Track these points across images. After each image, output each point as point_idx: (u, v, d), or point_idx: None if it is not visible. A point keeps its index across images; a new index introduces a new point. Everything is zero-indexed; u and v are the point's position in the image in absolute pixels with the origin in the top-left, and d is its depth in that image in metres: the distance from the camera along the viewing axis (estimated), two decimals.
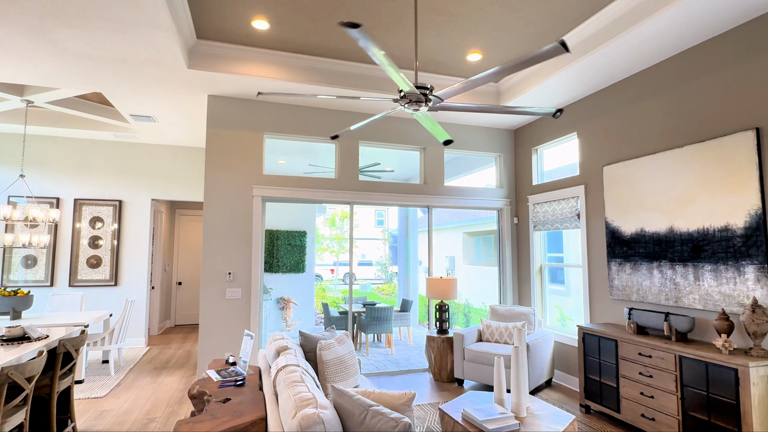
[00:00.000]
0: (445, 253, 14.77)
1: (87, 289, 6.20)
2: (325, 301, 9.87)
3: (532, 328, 4.77)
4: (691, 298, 3.37)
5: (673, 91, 3.62)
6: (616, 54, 3.60)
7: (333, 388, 1.88)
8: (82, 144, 6.33)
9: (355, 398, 1.75)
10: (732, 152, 3.11)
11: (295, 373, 2.09)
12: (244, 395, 2.49)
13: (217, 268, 4.49)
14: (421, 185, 5.35)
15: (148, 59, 3.69)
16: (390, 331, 6.31)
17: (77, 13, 2.98)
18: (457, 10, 3.38)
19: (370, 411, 1.67)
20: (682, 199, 3.47)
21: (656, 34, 3.27)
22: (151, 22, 3.10)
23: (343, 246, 16.70)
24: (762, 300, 2.90)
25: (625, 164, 4.02)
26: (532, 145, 5.45)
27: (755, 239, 2.94)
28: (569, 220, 4.77)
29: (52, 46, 3.45)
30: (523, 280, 5.53)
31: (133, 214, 6.48)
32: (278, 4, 3.32)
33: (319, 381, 2.87)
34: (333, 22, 3.57)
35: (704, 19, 3.06)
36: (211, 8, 3.40)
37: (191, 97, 4.61)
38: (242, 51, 4.04)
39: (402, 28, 3.66)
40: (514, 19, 3.51)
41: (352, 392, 1.81)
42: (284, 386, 1.96)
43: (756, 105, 3.01)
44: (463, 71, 4.52)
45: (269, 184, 4.71)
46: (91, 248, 6.24)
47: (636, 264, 3.86)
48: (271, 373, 2.44)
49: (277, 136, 4.82)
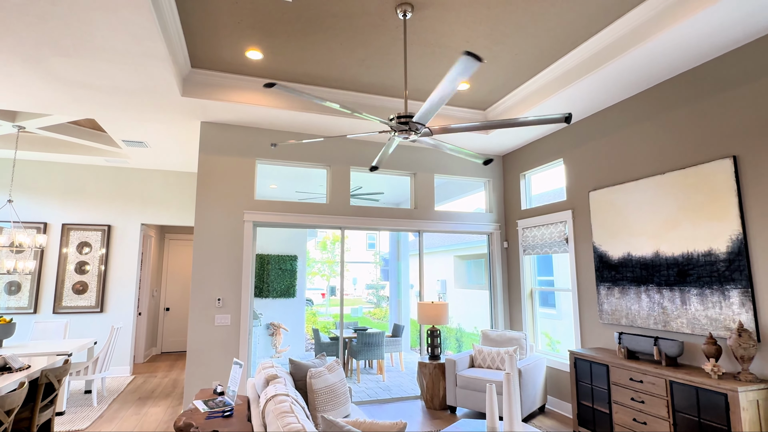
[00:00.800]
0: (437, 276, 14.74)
1: (71, 316, 6.06)
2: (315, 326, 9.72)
3: (524, 353, 4.75)
4: (679, 322, 3.40)
5: (653, 120, 3.75)
6: (596, 85, 3.74)
7: (323, 418, 1.86)
8: (73, 169, 6.31)
9: (346, 429, 1.73)
10: (711, 179, 3.21)
11: (284, 404, 2.06)
12: (233, 427, 2.44)
13: (207, 293, 4.44)
14: (412, 210, 5.40)
15: (142, 87, 3.75)
16: (381, 357, 6.22)
17: (73, 44, 3.04)
18: (444, 42, 3.51)
19: None
20: (666, 224, 3.55)
21: (635, 67, 3.42)
22: (147, 52, 3.17)
23: (334, 270, 16.59)
24: (747, 324, 2.94)
25: (610, 190, 4.12)
26: (520, 171, 5.57)
27: (738, 264, 3.01)
28: (558, 245, 4.83)
29: (47, 74, 3.49)
30: (514, 304, 5.54)
31: (122, 238, 6.41)
32: (272, 35, 3.42)
33: (309, 411, 2.82)
34: (324, 53, 3.68)
35: (680, 53, 3.21)
36: (206, 39, 3.49)
37: (184, 123, 4.66)
38: (236, 79, 4.12)
39: (392, 58, 3.78)
40: (499, 51, 3.65)
41: (343, 423, 1.79)
42: (273, 417, 1.92)
43: (732, 134, 3.13)
44: (452, 99, 4.65)
45: (260, 209, 4.72)
46: (77, 274, 6.14)
47: (624, 288, 3.90)
48: (260, 403, 2.40)
49: (269, 161, 4.87)
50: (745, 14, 2.73)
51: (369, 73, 4.04)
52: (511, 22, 3.22)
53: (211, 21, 3.23)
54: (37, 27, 2.84)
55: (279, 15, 3.15)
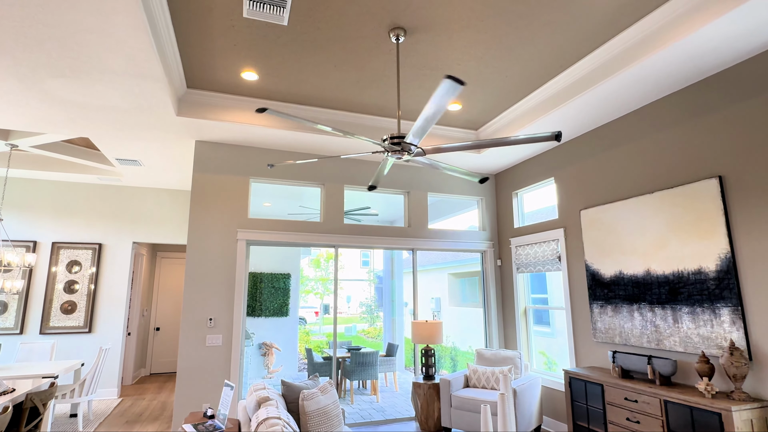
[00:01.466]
0: (431, 294, 14.67)
1: (59, 337, 5.93)
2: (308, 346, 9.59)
3: (518, 373, 4.71)
4: (671, 340, 3.41)
5: (641, 140, 3.84)
6: (585, 106, 3.83)
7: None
8: (64, 187, 6.28)
9: None
10: (699, 198, 3.27)
11: (275, 427, 2.02)
12: None
13: (198, 313, 4.38)
14: (406, 228, 5.42)
15: (137, 107, 3.78)
16: (375, 377, 6.14)
17: (70, 65, 3.07)
18: (436, 65, 3.59)
19: None
20: (656, 242, 3.59)
21: (622, 90, 3.52)
22: (143, 73, 3.20)
23: (328, 288, 16.46)
24: (739, 342, 2.96)
25: (601, 208, 4.17)
26: (512, 189, 5.63)
27: (727, 282, 3.05)
28: (551, 263, 4.86)
29: (42, 94, 3.51)
30: (508, 323, 5.52)
31: (113, 257, 6.34)
32: (267, 57, 3.48)
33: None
34: (319, 74, 3.74)
35: (666, 76, 3.31)
36: (202, 60, 3.54)
37: (179, 142, 4.68)
38: (231, 99, 4.17)
39: (385, 80, 3.85)
40: (490, 73, 3.74)
41: None
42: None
43: (718, 154, 3.21)
44: (445, 119, 4.73)
45: (254, 228, 4.72)
46: (66, 293, 6.04)
47: (617, 306, 3.92)
48: (252, 426, 2.35)
49: (263, 180, 4.89)
50: (730, 39, 2.83)
51: (363, 94, 4.11)
52: (502, 45, 3.31)
53: (208, 43, 3.29)
54: (34, 49, 2.87)
55: (274, 38, 3.21)
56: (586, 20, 3.01)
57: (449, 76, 1.89)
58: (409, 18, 2.97)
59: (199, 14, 2.94)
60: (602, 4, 2.85)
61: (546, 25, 3.06)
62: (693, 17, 2.75)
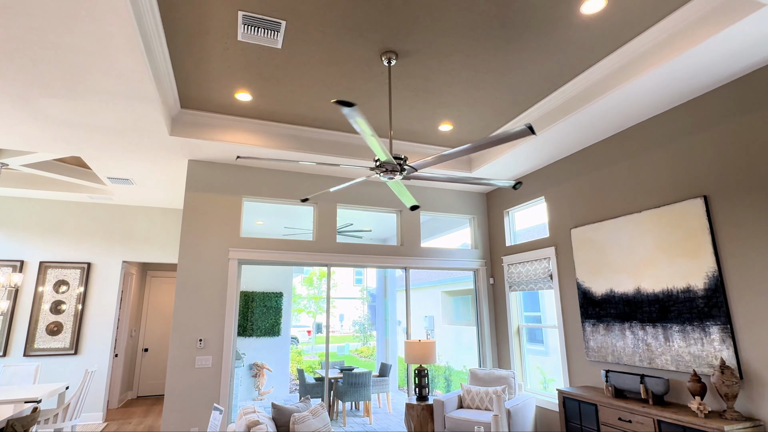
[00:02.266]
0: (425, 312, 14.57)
1: (43, 359, 5.79)
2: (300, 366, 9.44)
3: (512, 393, 4.67)
4: (663, 359, 3.42)
5: (628, 160, 3.92)
6: (573, 127, 3.92)
7: None
8: (54, 205, 6.23)
9: None
10: (685, 218, 3.33)
11: None
12: None
13: (188, 333, 4.31)
14: (398, 247, 5.42)
15: (131, 127, 3.79)
16: (368, 398, 6.04)
17: (64, 86, 3.09)
18: (427, 87, 3.66)
19: None
20: (645, 261, 3.64)
21: (607, 112, 3.61)
22: (137, 94, 3.23)
23: (320, 306, 16.31)
24: (729, 361, 2.97)
25: (591, 227, 4.22)
26: (504, 208, 5.68)
27: (715, 300, 3.08)
28: (543, 281, 4.87)
29: (35, 113, 3.51)
30: (501, 341, 5.50)
31: (102, 276, 6.25)
32: (261, 79, 3.53)
33: None
34: (312, 95, 3.80)
35: (649, 99, 3.41)
36: (196, 82, 3.59)
37: (171, 161, 4.69)
38: (225, 119, 4.20)
39: (378, 101, 3.92)
40: (480, 95, 3.82)
41: None
42: None
43: (703, 175, 3.28)
44: (436, 140, 4.80)
45: (246, 247, 4.69)
46: (52, 313, 5.92)
47: (609, 325, 3.93)
48: None
49: (255, 199, 4.89)
50: (709, 64, 2.94)
51: None
52: (490, 69, 3.40)
53: (202, 65, 3.34)
54: (28, 69, 2.89)
55: (268, 60, 3.27)
56: (570, 46, 3.11)
57: (529, 126, 2.02)
58: (400, 42, 3.04)
59: (195, 37, 2.99)
60: (586, 31, 2.95)
61: (533, 50, 3.15)
62: (673, 43, 2.85)
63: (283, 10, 2.72)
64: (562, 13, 2.77)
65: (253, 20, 2.80)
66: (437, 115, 4.18)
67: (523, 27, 2.89)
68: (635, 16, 2.81)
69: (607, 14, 2.80)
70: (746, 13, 2.46)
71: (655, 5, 2.72)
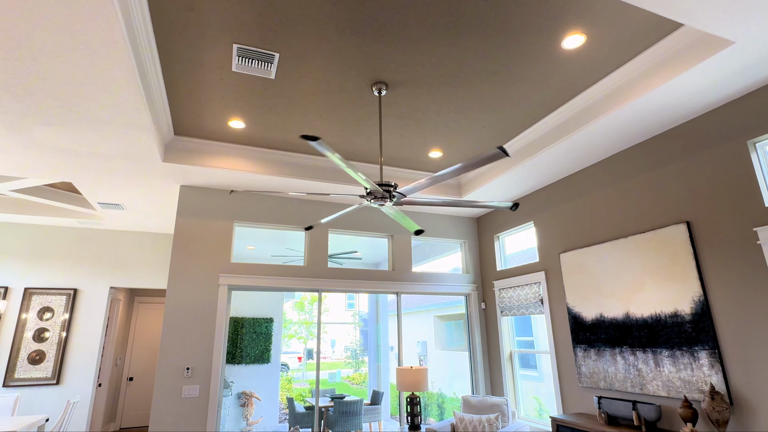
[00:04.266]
0: (417, 337, 14.41)
1: (24, 390, 5.60)
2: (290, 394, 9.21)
3: (506, 420, 4.60)
4: (654, 384, 3.42)
5: (614, 186, 4.02)
6: (560, 154, 4.02)
7: None
8: (41, 230, 6.15)
9: None
10: (670, 243, 3.40)
11: None
12: None
13: (175, 362, 4.22)
14: (390, 272, 5.42)
15: (124, 154, 3.82)
16: (360, 427, 5.90)
17: (59, 114, 3.13)
18: (417, 115, 3.76)
19: None
20: (633, 286, 3.68)
21: (591, 140, 3.72)
22: (131, 122, 3.27)
23: (311, 332, 16.05)
24: (719, 386, 2.98)
25: (579, 252, 4.28)
26: (494, 233, 5.74)
27: (703, 325, 3.11)
28: (533, 306, 4.89)
29: (28, 141, 3.53)
30: (494, 367, 5.45)
31: (89, 303, 6.13)
32: (254, 107, 3.61)
33: None
34: (304, 123, 3.88)
35: (632, 127, 3.53)
36: (190, 110, 3.65)
37: (163, 186, 4.70)
38: (217, 146, 4.25)
39: (368, 129, 4.00)
40: (468, 124, 3.93)
41: None
42: None
43: (685, 201, 3.38)
44: (426, 166, 4.88)
45: (236, 273, 4.66)
46: (35, 341, 5.76)
47: (600, 350, 3.93)
48: None
49: (247, 224, 4.89)
50: (687, 95, 3.07)
51: (346, 142, 4.24)
52: (477, 98, 3.51)
53: (197, 94, 3.40)
54: (23, 98, 2.93)
55: (261, 90, 3.35)
56: (554, 78, 3.24)
57: (501, 148, 2.09)
58: (390, 74, 3.14)
59: (190, 68, 3.06)
60: (568, 64, 3.07)
61: (518, 81, 3.27)
62: (651, 76, 2.99)
63: (276, 42, 2.81)
64: (545, 47, 2.89)
65: (248, 52, 2.88)
66: (427, 142, 4.27)
67: (507, 60, 3.01)
68: (613, 51, 2.95)
69: (587, 49, 2.93)
70: (719, 49, 2.59)
71: (631, 41, 2.86)
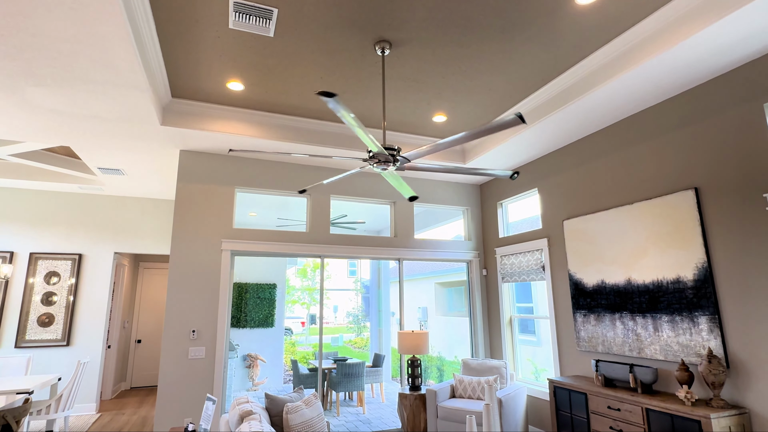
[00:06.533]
0: (418, 303, 14.66)
1: (35, 351, 5.75)
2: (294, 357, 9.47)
3: (504, 382, 4.72)
4: (652, 348, 3.47)
5: (621, 152, 3.94)
6: (566, 119, 3.92)
7: None
8: (44, 196, 6.15)
9: None
10: (676, 210, 3.36)
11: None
12: None
13: (181, 325, 4.30)
14: (392, 238, 5.43)
15: (121, 117, 3.74)
16: (362, 389, 6.09)
17: (51, 74, 3.03)
18: (421, 77, 3.64)
19: None
20: (636, 252, 3.67)
21: (601, 102, 3.61)
22: (127, 83, 3.18)
23: (314, 298, 16.33)
24: (716, 350, 3.02)
25: (583, 219, 4.25)
26: (497, 200, 5.70)
27: (704, 291, 3.12)
28: (535, 272, 4.91)
29: (22, 102, 3.45)
30: (494, 332, 5.55)
31: (94, 268, 6.20)
32: (253, 68, 3.49)
33: None
34: (305, 85, 3.76)
35: (643, 90, 3.41)
36: (187, 70, 3.53)
37: (163, 151, 4.64)
38: (216, 109, 4.15)
39: (371, 92, 3.89)
40: (474, 87, 3.81)
41: None
42: None
43: (694, 167, 3.31)
44: (430, 131, 4.78)
45: (239, 238, 4.67)
46: (43, 305, 5.87)
47: (600, 315, 3.97)
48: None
49: (248, 190, 4.86)
50: (704, 56, 2.94)
51: (348, 105, 4.14)
52: (484, 60, 3.38)
53: (193, 53, 3.28)
54: (14, 57, 2.83)
55: (260, 49, 3.23)
56: (566, 36, 3.10)
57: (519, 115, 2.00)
58: (394, 32, 3.01)
59: (185, 25, 2.94)
60: (581, 21, 2.93)
61: (528, 40, 3.13)
62: (667, 35, 2.85)
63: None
64: (558, 3, 2.75)
65: (245, 8, 2.75)
66: (431, 106, 4.16)
67: (518, 16, 2.87)
68: (630, 7, 2.80)
69: (602, 4, 2.78)
70: (741, 4, 2.46)
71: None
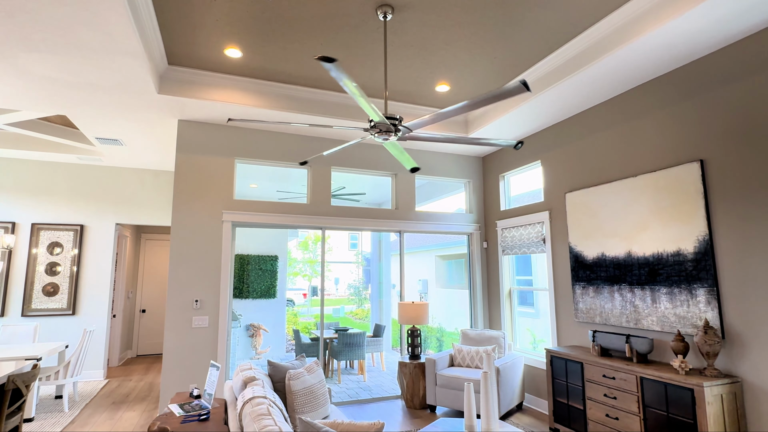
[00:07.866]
0: (419, 276, 14.82)
1: (42, 319, 5.86)
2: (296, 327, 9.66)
3: (502, 352, 4.82)
4: (649, 320, 3.52)
5: (626, 124, 3.87)
6: (571, 89, 3.83)
7: (300, 420, 1.86)
8: (44, 166, 6.11)
9: (323, 430, 1.73)
10: (680, 182, 3.33)
11: (261, 406, 2.04)
12: (209, 430, 2.41)
13: (184, 295, 4.36)
14: (393, 210, 5.42)
15: (116, 84, 3.66)
16: (362, 357, 6.23)
17: (44, 39, 2.95)
18: (424, 45, 3.53)
19: None
20: (637, 225, 3.66)
21: (607, 72, 3.52)
22: (121, 49, 3.09)
23: (316, 270, 16.50)
24: (713, 322, 3.06)
25: (585, 191, 4.22)
26: (499, 172, 5.65)
27: (704, 264, 3.13)
28: (536, 245, 4.93)
29: (15, 69, 3.37)
30: (493, 304, 5.62)
31: (96, 239, 6.24)
32: (251, 34, 3.39)
33: (287, 413, 2.80)
34: (304, 52, 3.66)
35: (650, 60, 3.32)
36: (183, 37, 3.43)
37: (161, 121, 4.57)
38: (214, 77, 4.06)
39: (372, 60, 3.79)
40: (478, 56, 3.70)
41: (320, 424, 1.79)
42: (250, 420, 1.91)
43: (700, 139, 3.25)
44: (433, 101, 4.69)
45: (240, 210, 4.67)
46: (48, 275, 5.94)
47: (598, 287, 4.01)
48: (238, 405, 2.37)
49: (248, 161, 4.82)
50: (713, 24, 2.84)
51: (349, 73, 4.04)
52: (490, 26, 3.27)
53: (189, 19, 3.18)
54: (5, 21, 2.74)
55: (258, 14, 3.12)
56: (573, 3, 2.98)
57: (523, 83, 1.95)
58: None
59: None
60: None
61: (535, 5, 3.02)
62: (676, 2, 2.74)
63: None
64: None
65: None
66: (434, 75, 4.06)
67: None
68: None
69: None
70: None
71: None
